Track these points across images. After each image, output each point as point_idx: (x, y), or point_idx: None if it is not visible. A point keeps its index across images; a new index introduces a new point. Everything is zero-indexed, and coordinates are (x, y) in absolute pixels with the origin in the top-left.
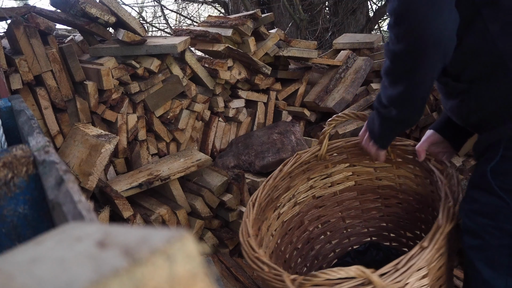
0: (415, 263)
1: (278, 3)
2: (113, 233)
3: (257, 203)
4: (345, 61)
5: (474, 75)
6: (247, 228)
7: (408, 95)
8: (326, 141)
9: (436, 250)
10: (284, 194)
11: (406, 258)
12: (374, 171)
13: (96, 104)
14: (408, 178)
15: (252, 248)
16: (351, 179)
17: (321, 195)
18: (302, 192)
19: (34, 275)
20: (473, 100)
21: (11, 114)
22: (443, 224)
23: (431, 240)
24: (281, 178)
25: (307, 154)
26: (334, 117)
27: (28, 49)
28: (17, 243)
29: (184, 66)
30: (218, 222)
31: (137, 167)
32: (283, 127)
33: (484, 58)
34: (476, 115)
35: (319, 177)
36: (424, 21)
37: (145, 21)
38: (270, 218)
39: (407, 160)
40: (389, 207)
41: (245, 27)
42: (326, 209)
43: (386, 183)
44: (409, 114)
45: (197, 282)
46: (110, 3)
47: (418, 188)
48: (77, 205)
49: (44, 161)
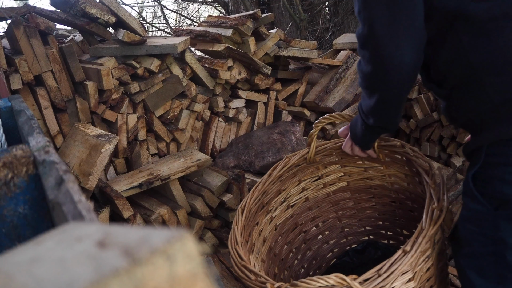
0: (398, 268)
1: (278, 3)
2: (113, 233)
3: (246, 209)
4: (345, 61)
5: (453, 84)
6: (235, 236)
7: (382, 106)
8: (314, 143)
9: (420, 254)
10: (275, 198)
11: (388, 263)
12: (365, 171)
13: (96, 104)
14: (399, 177)
15: (240, 257)
16: (343, 179)
17: (314, 197)
18: (294, 195)
19: (34, 275)
20: (455, 105)
21: (11, 114)
22: (426, 227)
23: (413, 244)
24: (270, 183)
25: (296, 157)
26: (320, 119)
27: (28, 49)
28: (17, 243)
29: (184, 66)
30: (218, 222)
31: (137, 167)
32: (283, 127)
33: (458, 69)
34: (460, 119)
35: (311, 179)
36: (385, 49)
37: (145, 21)
38: (262, 223)
39: (396, 159)
40: (384, 206)
41: (245, 27)
42: (321, 210)
43: (378, 183)
44: (385, 123)
45: (197, 282)
46: (110, 3)
47: (410, 187)
48: (77, 205)
49: (44, 161)
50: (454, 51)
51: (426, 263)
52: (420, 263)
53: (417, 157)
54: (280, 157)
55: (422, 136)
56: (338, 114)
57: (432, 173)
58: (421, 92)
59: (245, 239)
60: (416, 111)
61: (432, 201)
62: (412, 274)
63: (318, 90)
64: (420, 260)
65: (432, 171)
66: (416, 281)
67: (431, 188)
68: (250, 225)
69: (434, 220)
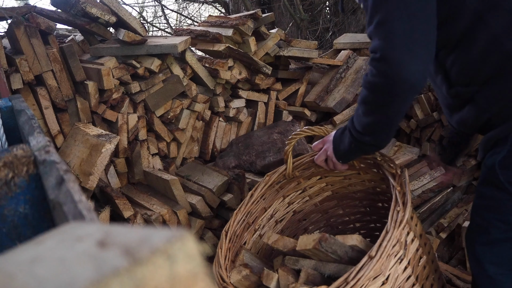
0: (365, 274)
1: (278, 3)
2: (113, 233)
3: (230, 232)
4: (345, 61)
5: (485, 77)
6: (219, 259)
7: (382, 125)
8: (290, 160)
9: (389, 256)
10: (261, 216)
11: (355, 270)
12: (345, 179)
13: (97, 104)
14: (376, 181)
15: (222, 279)
16: (327, 189)
17: (302, 209)
18: (281, 210)
19: (35, 274)
20: (484, 100)
21: (11, 114)
22: (390, 230)
23: (378, 249)
24: (253, 203)
25: (275, 174)
26: (292, 135)
27: (29, 49)
28: (17, 242)
29: (184, 66)
30: (218, 222)
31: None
32: (283, 127)
33: (493, 59)
34: (485, 115)
35: (295, 193)
36: (400, 65)
37: (145, 21)
38: (250, 242)
39: (369, 165)
40: (372, 209)
41: (246, 27)
42: (311, 221)
43: (360, 188)
44: (381, 141)
45: (198, 282)
46: (110, 3)
47: (389, 190)
48: (78, 204)
49: (44, 161)
50: (487, 42)
51: (401, 263)
52: (392, 265)
53: (385, 161)
54: (281, 157)
55: (423, 136)
56: (308, 128)
57: (398, 176)
58: (422, 92)
59: (230, 260)
60: (417, 111)
61: (397, 204)
62: (384, 277)
63: (319, 90)
64: (391, 262)
65: (398, 173)
66: (391, 283)
67: (397, 191)
68: (237, 246)
69: (399, 222)
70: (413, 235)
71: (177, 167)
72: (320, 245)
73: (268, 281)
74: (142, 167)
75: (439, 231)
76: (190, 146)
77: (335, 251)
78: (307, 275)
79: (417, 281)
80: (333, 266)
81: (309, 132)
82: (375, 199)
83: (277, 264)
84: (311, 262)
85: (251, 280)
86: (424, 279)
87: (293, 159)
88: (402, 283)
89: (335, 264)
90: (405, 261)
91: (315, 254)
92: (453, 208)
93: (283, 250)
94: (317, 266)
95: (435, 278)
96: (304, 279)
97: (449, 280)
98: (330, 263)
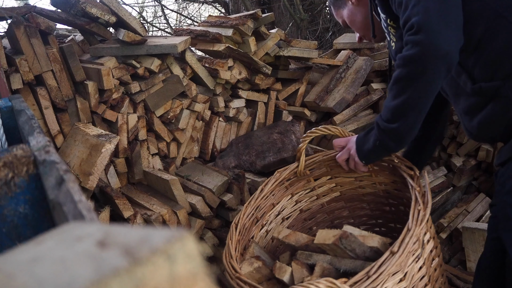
0: (386, 269)
1: (278, 3)
2: (113, 233)
3: (240, 224)
4: (345, 61)
5: (509, 70)
6: (230, 250)
7: (412, 106)
8: (303, 158)
9: (409, 254)
10: (269, 212)
11: (377, 264)
12: (356, 181)
13: (97, 104)
14: (388, 184)
15: (234, 269)
16: (336, 190)
17: (308, 208)
18: (289, 208)
19: (35, 274)
20: (510, 93)
21: (11, 114)
22: (412, 228)
23: (400, 245)
24: (263, 198)
25: (286, 171)
26: (307, 133)
27: (29, 49)
28: (17, 242)
29: (184, 66)
30: (218, 222)
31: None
32: (283, 127)
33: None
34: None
35: (304, 192)
36: (436, 33)
37: (145, 21)
38: (258, 236)
39: (383, 167)
40: (378, 212)
41: (246, 27)
42: (317, 221)
43: (370, 191)
44: (407, 130)
45: (198, 281)
46: (110, 3)
47: (400, 193)
48: (78, 205)
49: (44, 161)
50: (508, 37)
51: (417, 262)
52: (410, 263)
53: (401, 163)
54: (281, 157)
55: None
56: (324, 127)
57: (417, 177)
58: None
59: (240, 252)
60: None
61: (417, 203)
62: (402, 274)
63: (319, 90)
64: (410, 260)
65: (416, 175)
66: (408, 280)
67: (416, 191)
68: (246, 239)
69: (420, 220)
70: (429, 235)
71: (177, 167)
72: (340, 242)
73: (281, 274)
74: (142, 167)
75: (439, 231)
76: (190, 146)
77: (354, 249)
78: (323, 269)
79: (429, 282)
80: (349, 262)
81: (325, 131)
82: (383, 202)
83: (284, 261)
84: (326, 257)
85: (262, 273)
86: (434, 281)
87: (305, 158)
88: (417, 282)
89: (351, 260)
90: (421, 261)
91: (332, 250)
92: (453, 208)
93: (295, 245)
94: (332, 261)
95: (443, 282)
96: (319, 272)
97: (449, 280)
98: (346, 259)
